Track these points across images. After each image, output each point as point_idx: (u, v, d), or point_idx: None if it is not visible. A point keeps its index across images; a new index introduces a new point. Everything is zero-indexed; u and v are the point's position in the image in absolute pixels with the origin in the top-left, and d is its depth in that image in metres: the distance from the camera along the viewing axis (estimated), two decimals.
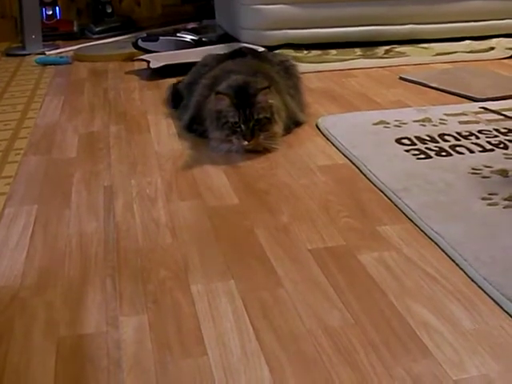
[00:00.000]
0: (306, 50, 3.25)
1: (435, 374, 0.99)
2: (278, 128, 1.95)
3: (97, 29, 4.01)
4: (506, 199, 1.54)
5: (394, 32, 3.33)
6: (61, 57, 3.45)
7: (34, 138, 2.15)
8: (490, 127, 2.04)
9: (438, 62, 3.00)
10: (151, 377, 1.01)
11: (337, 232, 1.44)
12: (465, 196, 1.57)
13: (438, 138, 1.95)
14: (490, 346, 1.05)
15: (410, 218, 1.48)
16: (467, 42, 3.33)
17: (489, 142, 1.91)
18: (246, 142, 1.85)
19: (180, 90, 2.36)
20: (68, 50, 3.61)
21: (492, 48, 3.21)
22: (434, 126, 2.07)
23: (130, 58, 3.25)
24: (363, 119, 2.16)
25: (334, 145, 1.96)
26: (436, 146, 1.89)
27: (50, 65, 3.32)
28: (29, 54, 3.56)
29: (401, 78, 2.71)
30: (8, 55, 3.63)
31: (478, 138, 1.95)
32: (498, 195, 1.56)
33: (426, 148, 1.88)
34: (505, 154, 1.83)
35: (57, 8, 4.03)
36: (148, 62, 2.98)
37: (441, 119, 2.12)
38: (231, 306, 1.18)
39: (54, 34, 3.92)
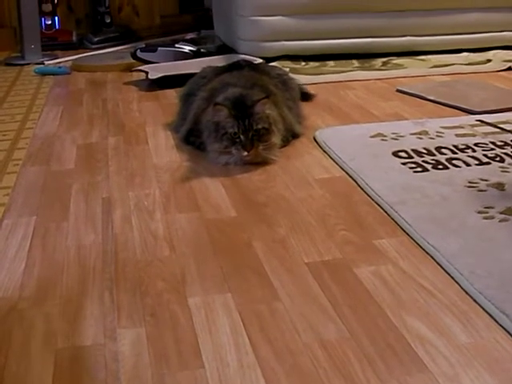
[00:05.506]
0: (304, 61, 3.27)
1: None
2: (276, 139, 1.95)
3: (95, 39, 4.02)
4: (502, 213, 1.55)
5: (392, 44, 3.35)
6: (59, 67, 3.46)
7: (32, 149, 2.16)
8: (486, 140, 2.05)
9: (435, 74, 3.01)
10: None
11: (333, 245, 1.44)
12: (461, 209, 1.57)
13: (434, 151, 1.96)
14: (485, 359, 1.05)
15: (406, 232, 1.49)
16: (464, 54, 3.35)
17: (485, 155, 1.92)
18: (245, 153, 1.86)
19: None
20: (67, 59, 3.62)
21: (489, 60, 3.23)
22: (431, 138, 2.08)
23: (129, 69, 3.26)
24: (360, 132, 2.17)
25: (331, 157, 1.97)
26: (433, 159, 1.90)
27: (49, 75, 3.33)
28: (28, 64, 3.57)
29: (398, 91, 2.73)
30: (7, 65, 3.63)
31: (474, 151, 1.96)
32: (494, 209, 1.57)
33: (423, 161, 1.89)
34: (501, 167, 1.84)
35: (56, 18, 4.04)
36: (146, 72, 2.99)
37: (438, 132, 2.14)
38: (228, 319, 1.19)
39: (52, 43, 3.93)
